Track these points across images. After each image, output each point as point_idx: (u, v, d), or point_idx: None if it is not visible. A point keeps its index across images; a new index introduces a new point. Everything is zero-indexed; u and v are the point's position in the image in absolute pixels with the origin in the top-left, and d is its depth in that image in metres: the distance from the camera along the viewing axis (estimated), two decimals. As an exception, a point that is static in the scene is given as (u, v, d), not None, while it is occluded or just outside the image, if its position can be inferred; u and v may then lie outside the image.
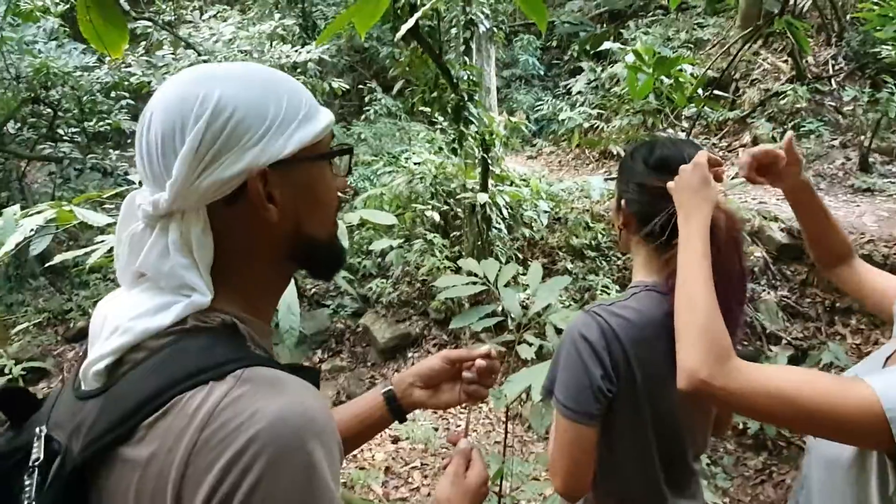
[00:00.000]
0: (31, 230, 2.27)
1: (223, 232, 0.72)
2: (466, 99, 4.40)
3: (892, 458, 0.93)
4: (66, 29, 8.20)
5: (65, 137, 7.83)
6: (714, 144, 8.94)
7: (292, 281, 1.98)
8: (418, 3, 3.83)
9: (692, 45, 10.25)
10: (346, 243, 2.23)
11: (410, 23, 3.26)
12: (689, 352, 1.00)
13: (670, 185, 1.17)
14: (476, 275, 2.61)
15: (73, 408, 0.68)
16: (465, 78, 4.52)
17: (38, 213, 2.10)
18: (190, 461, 0.58)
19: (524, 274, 3.08)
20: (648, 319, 1.19)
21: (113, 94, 7.36)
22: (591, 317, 1.20)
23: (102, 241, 2.29)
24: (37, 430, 0.67)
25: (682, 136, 6.76)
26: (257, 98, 0.71)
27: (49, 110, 7.59)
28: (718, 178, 1.16)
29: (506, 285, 2.60)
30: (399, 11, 3.73)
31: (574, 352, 1.19)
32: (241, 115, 0.69)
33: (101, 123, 7.47)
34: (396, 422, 1.09)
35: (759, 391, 0.94)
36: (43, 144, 7.53)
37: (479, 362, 1.04)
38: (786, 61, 9.02)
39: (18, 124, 7.82)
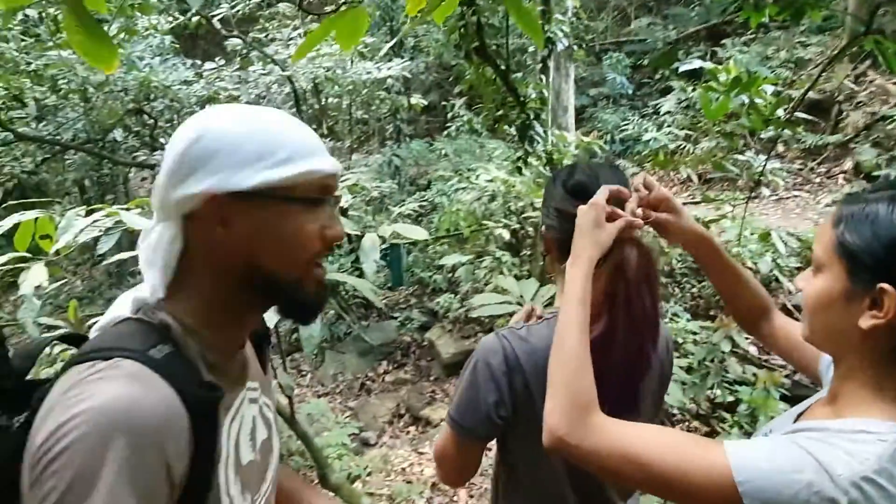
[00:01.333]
0: (100, 230, 2.45)
1: (189, 244, 0.83)
2: (532, 117, 4.36)
3: None
4: (177, 45, 8.85)
5: (164, 146, 8.40)
6: (811, 169, 8.40)
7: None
8: (484, 22, 3.84)
9: (793, 65, 9.70)
10: (375, 257, 2.26)
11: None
12: (552, 407, 0.95)
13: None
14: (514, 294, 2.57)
15: None
16: (533, 96, 4.48)
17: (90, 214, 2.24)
18: (42, 419, 0.69)
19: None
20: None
21: (207, 106, 7.83)
22: (499, 340, 1.20)
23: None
24: None
25: (762, 159, 6.37)
26: (238, 134, 0.80)
27: (151, 120, 8.17)
28: (612, 218, 1.10)
29: (546, 306, 2.54)
30: (464, 30, 3.76)
31: (474, 373, 1.20)
32: (216, 145, 0.79)
33: (196, 134, 7.96)
34: None
35: (612, 451, 0.89)
36: (141, 152, 8.11)
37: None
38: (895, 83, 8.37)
39: (125, 133, 8.48)
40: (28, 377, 0.82)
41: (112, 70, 1.15)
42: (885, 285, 0.80)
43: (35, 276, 1.88)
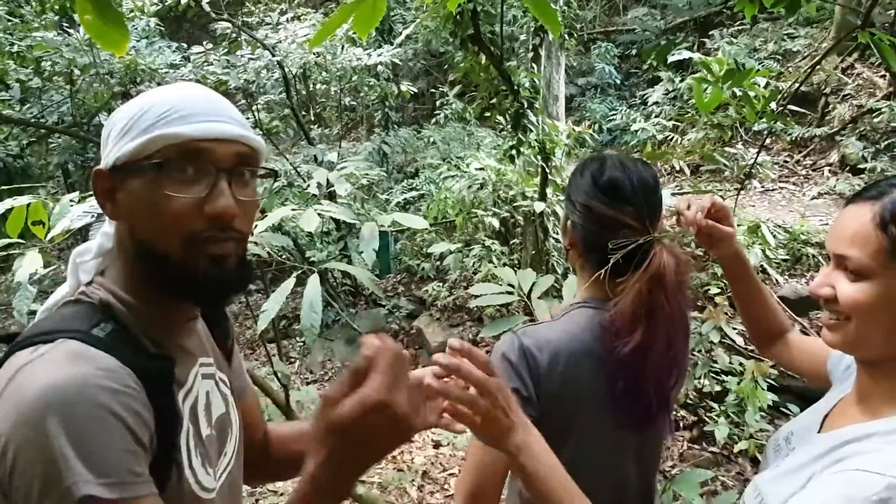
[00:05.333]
0: (92, 217, 2.42)
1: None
2: (526, 106, 4.35)
3: None
4: (162, 28, 8.70)
5: (151, 130, 8.29)
6: (798, 162, 8.48)
7: (317, 280, 2.02)
8: (479, 9, 3.82)
9: (780, 57, 9.76)
10: (374, 246, 2.25)
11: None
12: None
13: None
14: (512, 285, 2.57)
15: None
16: (527, 85, 4.47)
17: (84, 200, 2.21)
18: None
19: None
20: (576, 338, 1.15)
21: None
22: (516, 338, 1.15)
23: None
24: None
25: (751, 151, 6.43)
26: (125, 111, 0.81)
27: (138, 104, 8.04)
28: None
29: (540, 297, 2.55)
30: (459, 17, 3.73)
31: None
32: (109, 125, 0.82)
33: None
34: (435, 431, 1.05)
35: None
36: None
37: (429, 381, 0.78)
38: (883, 76, 8.43)
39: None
40: None
41: (123, 52, 1.12)
42: None
43: (30, 263, 1.85)
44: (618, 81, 11.84)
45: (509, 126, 4.54)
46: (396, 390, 0.69)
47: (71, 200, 2.36)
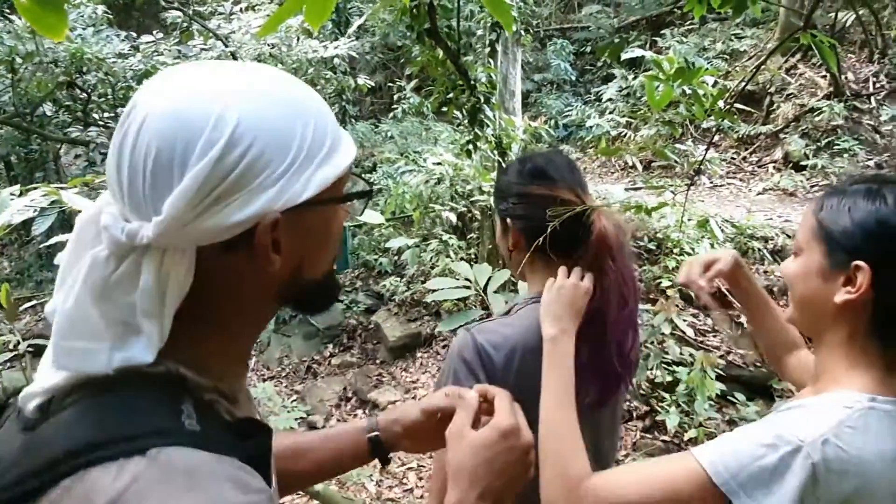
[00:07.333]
0: (35, 211, 2.33)
1: (207, 277, 0.60)
2: (483, 101, 4.36)
3: None
4: (111, 16, 8.42)
5: (99, 122, 8.04)
6: (744, 158, 8.75)
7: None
8: (436, 3, 3.81)
9: (728, 57, 10.05)
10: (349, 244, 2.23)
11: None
12: (547, 479, 1.00)
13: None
14: (468, 279, 2.60)
15: (9, 433, 0.59)
16: (484, 80, 4.49)
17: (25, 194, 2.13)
18: None
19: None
20: (531, 332, 1.17)
21: (145, 81, 7.50)
22: (471, 336, 1.18)
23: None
24: None
25: (700, 148, 6.62)
26: (282, 125, 0.59)
27: (84, 95, 7.78)
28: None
29: (496, 291, 2.58)
30: (416, 11, 3.72)
31: (452, 373, 1.17)
32: (260, 148, 0.57)
33: (132, 110, 7.64)
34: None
35: None
36: (74, 128, 7.73)
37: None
38: (824, 76, 8.78)
39: (55, 107, 8.03)
40: None
41: (60, 38, 1.09)
42: (860, 262, 0.87)
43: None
44: (573, 78, 12.01)
45: (466, 121, 4.55)
46: (521, 418, 0.75)
47: (12, 194, 2.28)
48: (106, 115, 8.04)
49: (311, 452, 0.96)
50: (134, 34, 7.87)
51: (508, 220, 1.26)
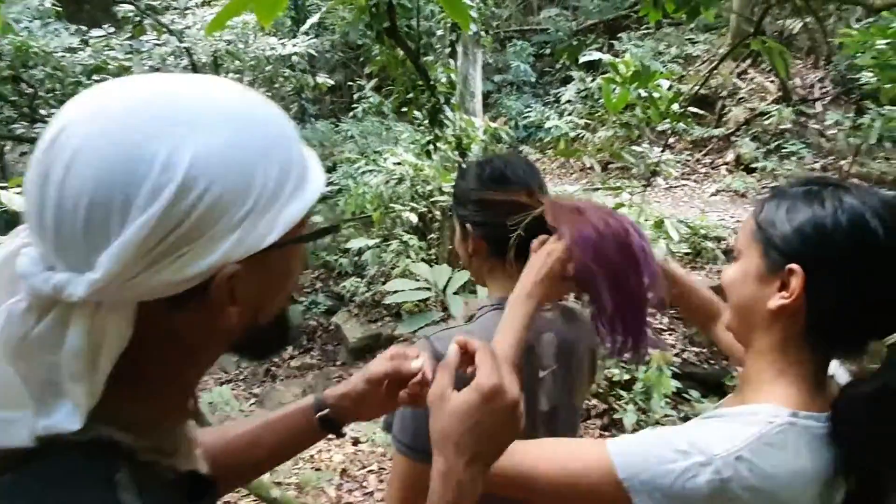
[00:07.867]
0: (-25, 211, 2.23)
1: (149, 333, 0.52)
2: (443, 101, 4.37)
3: None
4: (59, 9, 8.14)
5: (46, 118, 7.76)
6: (698, 160, 8.97)
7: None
8: (395, 2, 3.80)
9: (682, 61, 10.29)
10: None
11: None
12: None
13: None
14: (428, 280, 2.59)
15: None
16: (444, 80, 4.50)
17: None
18: None
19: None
20: (492, 338, 1.12)
21: (95, 77, 7.28)
22: (429, 345, 1.14)
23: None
24: None
25: (656, 150, 6.76)
26: (243, 161, 0.50)
27: (31, 90, 7.50)
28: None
29: (455, 293, 2.58)
30: (375, 10, 3.70)
31: None
32: (217, 192, 0.48)
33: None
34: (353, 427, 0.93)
35: (508, 479, 0.87)
36: (19, 124, 7.45)
37: (412, 383, 0.83)
38: (773, 81, 9.07)
39: (0, 103, 7.73)
40: None
41: None
42: (794, 266, 0.83)
43: None
44: (533, 79, 12.12)
45: (426, 121, 4.56)
46: (505, 375, 0.67)
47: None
48: (54, 111, 7.76)
49: (261, 440, 0.91)
50: (84, 28, 7.63)
51: (468, 226, 1.23)
